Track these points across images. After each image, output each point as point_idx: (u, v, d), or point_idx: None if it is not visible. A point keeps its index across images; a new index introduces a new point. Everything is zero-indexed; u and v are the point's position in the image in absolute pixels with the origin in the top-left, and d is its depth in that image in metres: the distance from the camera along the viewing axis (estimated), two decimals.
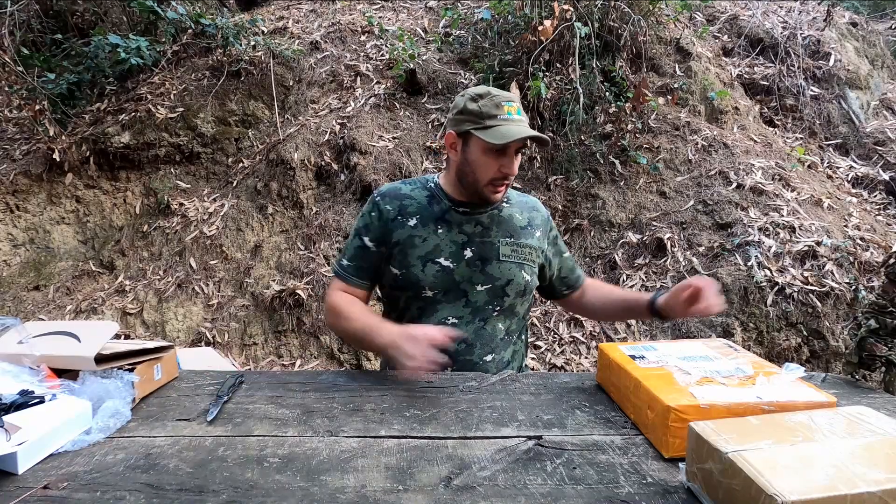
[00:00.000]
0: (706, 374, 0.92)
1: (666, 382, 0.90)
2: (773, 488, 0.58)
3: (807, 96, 4.34)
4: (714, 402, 0.82)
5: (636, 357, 1.02)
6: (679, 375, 0.92)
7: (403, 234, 1.25)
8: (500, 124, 1.17)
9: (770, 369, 0.95)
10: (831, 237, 2.99)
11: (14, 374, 0.93)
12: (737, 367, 0.95)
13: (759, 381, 0.89)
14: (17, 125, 4.23)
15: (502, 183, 1.22)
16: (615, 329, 2.96)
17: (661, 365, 0.98)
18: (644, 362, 1.00)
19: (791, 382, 0.89)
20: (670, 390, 0.86)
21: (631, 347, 1.08)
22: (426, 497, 0.72)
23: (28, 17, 4.43)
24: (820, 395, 0.86)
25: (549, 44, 3.67)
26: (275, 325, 3.16)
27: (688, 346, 1.08)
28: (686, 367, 0.96)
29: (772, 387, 0.87)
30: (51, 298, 3.49)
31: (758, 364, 0.97)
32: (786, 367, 0.93)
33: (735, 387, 0.87)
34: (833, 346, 2.70)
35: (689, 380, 0.90)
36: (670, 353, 1.04)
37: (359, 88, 4.17)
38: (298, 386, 1.11)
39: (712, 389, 0.86)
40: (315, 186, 3.73)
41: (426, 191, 1.31)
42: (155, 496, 0.73)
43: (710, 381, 0.90)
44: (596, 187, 3.56)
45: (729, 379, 0.91)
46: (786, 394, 0.85)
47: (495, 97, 1.19)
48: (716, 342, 1.11)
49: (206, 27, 4.23)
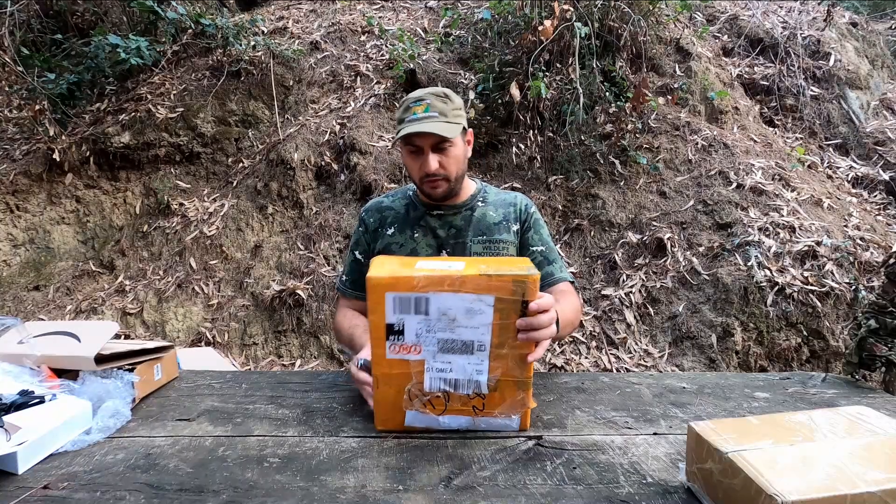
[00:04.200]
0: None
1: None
2: (773, 488, 0.58)
3: (807, 96, 4.34)
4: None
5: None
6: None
7: (383, 242, 1.31)
8: (404, 127, 1.20)
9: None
10: (831, 237, 2.99)
11: (14, 374, 0.93)
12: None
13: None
14: (17, 125, 4.23)
15: (433, 180, 1.23)
16: (615, 329, 2.97)
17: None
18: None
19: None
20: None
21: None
22: (426, 497, 0.72)
23: (28, 17, 4.43)
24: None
25: (549, 44, 3.67)
26: (275, 325, 3.15)
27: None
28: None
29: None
30: (51, 298, 3.49)
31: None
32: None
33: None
34: (833, 346, 2.70)
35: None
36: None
37: (359, 88, 4.17)
38: (298, 386, 1.11)
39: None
40: (315, 186, 3.73)
41: (405, 199, 1.37)
42: (155, 496, 0.73)
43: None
44: (596, 187, 3.56)
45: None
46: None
47: (407, 100, 1.24)
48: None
49: (206, 27, 4.23)
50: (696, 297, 2.95)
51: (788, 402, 1.05)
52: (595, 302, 3.12)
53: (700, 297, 2.94)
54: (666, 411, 1.00)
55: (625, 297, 3.06)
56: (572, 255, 3.37)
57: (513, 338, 0.86)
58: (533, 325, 0.86)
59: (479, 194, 1.36)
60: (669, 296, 3.01)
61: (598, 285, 3.19)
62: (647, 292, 3.06)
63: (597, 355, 2.87)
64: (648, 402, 1.04)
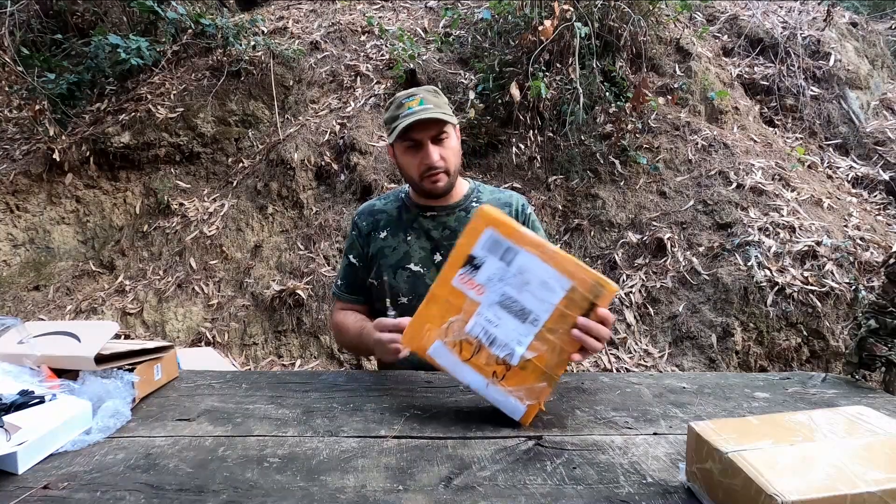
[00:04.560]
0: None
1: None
2: (773, 488, 0.58)
3: (807, 96, 4.34)
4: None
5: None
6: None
7: (376, 246, 1.31)
8: (400, 122, 1.19)
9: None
10: (831, 237, 2.99)
11: (14, 374, 0.93)
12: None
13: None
14: (17, 125, 4.23)
15: (434, 173, 1.23)
16: (615, 329, 2.96)
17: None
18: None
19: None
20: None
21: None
22: (426, 497, 0.72)
23: (28, 17, 4.43)
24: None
25: (549, 44, 3.67)
26: (275, 325, 3.15)
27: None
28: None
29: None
30: (51, 298, 3.49)
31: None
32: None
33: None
34: (833, 346, 2.70)
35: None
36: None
37: (359, 88, 4.17)
38: (298, 386, 1.11)
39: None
40: (315, 186, 3.73)
41: (398, 202, 1.37)
42: (155, 496, 0.73)
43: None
44: (596, 187, 3.55)
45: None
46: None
47: (398, 98, 1.24)
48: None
49: (206, 27, 4.23)
50: (696, 297, 2.95)
51: (788, 402, 1.05)
52: None
53: (700, 297, 2.94)
54: (666, 411, 1.00)
55: (625, 297, 3.06)
56: (572, 255, 3.38)
57: (566, 331, 0.89)
58: (591, 329, 0.88)
59: (472, 194, 1.36)
60: (669, 296, 3.01)
61: None
62: (647, 292, 3.06)
63: (597, 355, 2.87)
64: (648, 402, 1.04)
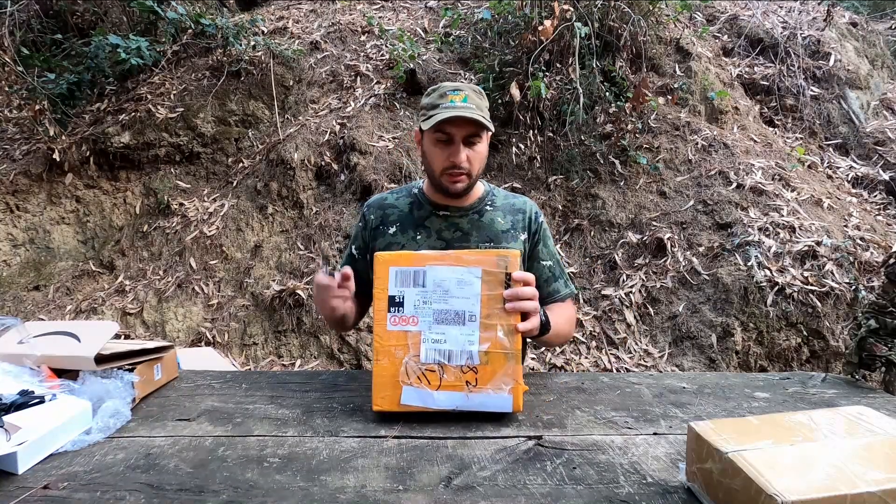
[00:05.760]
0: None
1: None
2: (773, 488, 0.58)
3: (807, 96, 4.34)
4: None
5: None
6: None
7: (383, 242, 1.29)
8: (439, 113, 1.16)
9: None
10: (831, 237, 2.99)
11: (14, 374, 0.93)
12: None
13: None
14: (17, 125, 4.23)
15: (457, 173, 1.20)
16: (615, 329, 2.97)
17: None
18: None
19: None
20: None
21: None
22: (426, 497, 0.72)
23: (28, 17, 4.43)
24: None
25: (549, 44, 3.67)
26: (275, 325, 3.15)
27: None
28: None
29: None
30: (51, 298, 3.49)
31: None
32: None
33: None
34: (833, 346, 2.70)
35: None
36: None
37: (359, 88, 4.16)
38: (298, 386, 1.11)
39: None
40: (315, 186, 3.73)
41: (410, 197, 1.33)
42: (155, 496, 0.73)
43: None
44: (596, 187, 3.55)
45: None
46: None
47: (442, 88, 1.21)
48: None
49: (206, 27, 4.23)
50: (696, 297, 2.95)
51: (788, 402, 1.05)
52: (595, 302, 3.12)
53: (700, 297, 2.94)
54: (666, 411, 1.00)
55: (625, 297, 3.06)
56: (572, 255, 3.38)
57: (500, 309, 0.96)
58: (518, 294, 0.96)
59: (487, 197, 1.33)
60: (669, 296, 3.01)
61: (598, 285, 3.19)
62: (647, 292, 3.06)
63: (597, 355, 2.87)
64: (648, 402, 1.04)
